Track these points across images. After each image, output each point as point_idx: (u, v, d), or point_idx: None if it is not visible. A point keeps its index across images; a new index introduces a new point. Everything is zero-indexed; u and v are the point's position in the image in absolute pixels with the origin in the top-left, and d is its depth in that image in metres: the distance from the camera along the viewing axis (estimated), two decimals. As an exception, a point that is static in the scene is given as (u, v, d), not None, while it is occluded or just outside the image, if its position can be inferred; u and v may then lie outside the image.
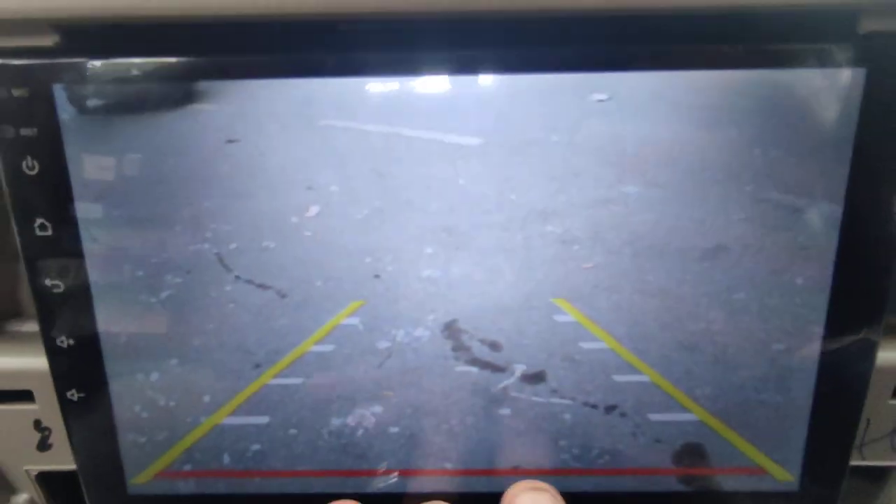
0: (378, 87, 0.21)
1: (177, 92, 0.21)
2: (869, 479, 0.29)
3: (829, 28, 0.20)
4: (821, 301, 0.23)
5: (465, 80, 0.21)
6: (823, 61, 0.20)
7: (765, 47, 0.20)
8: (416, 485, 0.25)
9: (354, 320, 0.23)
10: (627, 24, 0.20)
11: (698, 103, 0.21)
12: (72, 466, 0.27)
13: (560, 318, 0.23)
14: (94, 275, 0.23)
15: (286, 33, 0.21)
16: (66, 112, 0.21)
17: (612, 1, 0.19)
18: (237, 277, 0.23)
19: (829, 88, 0.20)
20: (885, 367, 0.25)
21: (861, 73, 0.20)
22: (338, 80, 0.21)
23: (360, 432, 0.25)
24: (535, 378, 0.24)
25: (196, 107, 0.21)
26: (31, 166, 0.21)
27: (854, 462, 0.27)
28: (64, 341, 0.24)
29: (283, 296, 0.23)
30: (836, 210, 0.21)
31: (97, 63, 0.20)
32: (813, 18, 0.20)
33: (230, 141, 0.21)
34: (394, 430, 0.25)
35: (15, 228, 0.22)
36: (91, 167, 0.21)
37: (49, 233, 0.22)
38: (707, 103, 0.21)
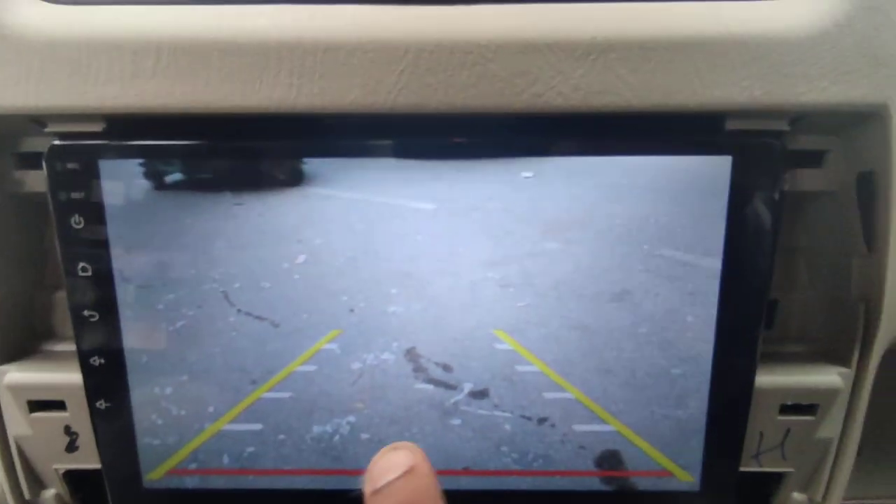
0: (354, 163, 0.27)
1: (193, 167, 0.27)
2: (765, 483, 0.34)
3: (703, 126, 0.26)
4: (707, 334, 0.28)
5: (422, 161, 0.27)
6: (699, 150, 0.26)
7: (652, 139, 0.26)
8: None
9: (333, 346, 0.29)
10: (546, 120, 0.26)
11: (604, 181, 0.27)
12: (95, 465, 0.32)
13: (500, 346, 0.29)
14: (123, 307, 0.28)
15: (283, 124, 0.26)
16: (107, 181, 0.26)
17: (533, 105, 0.25)
18: (239, 311, 0.28)
19: (704, 171, 0.26)
20: (770, 389, 0.30)
21: (727, 159, 0.26)
22: (323, 160, 0.27)
23: (336, 437, 0.30)
24: (481, 394, 0.29)
25: (208, 177, 0.27)
26: (78, 222, 0.27)
27: (751, 468, 0.32)
28: (96, 360, 0.29)
29: (276, 325, 0.29)
30: (716, 263, 0.27)
31: (131, 144, 0.26)
32: (691, 118, 0.26)
33: (237, 204, 0.27)
34: (365, 436, 0.30)
35: (63, 270, 0.28)
36: (125, 224, 0.27)
37: (89, 274, 0.28)
38: (610, 181, 0.27)
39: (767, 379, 0.30)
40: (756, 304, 0.28)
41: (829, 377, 0.31)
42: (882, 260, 0.28)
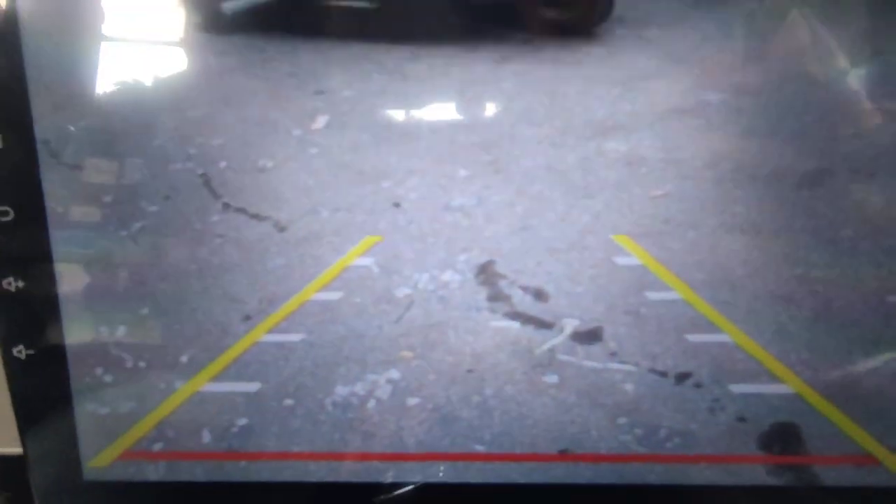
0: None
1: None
2: None
3: None
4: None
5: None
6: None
7: None
8: (438, 472, 0.20)
9: (368, 261, 0.19)
10: None
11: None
12: (17, 449, 0.22)
13: (622, 261, 0.19)
14: (50, 197, 0.18)
15: None
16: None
17: None
18: (226, 205, 0.19)
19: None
20: None
21: None
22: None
23: (371, 404, 0.20)
24: (590, 337, 0.19)
25: (182, -12, 0.17)
26: None
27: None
28: (11, 283, 0.19)
29: (282, 229, 0.19)
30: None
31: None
32: None
33: (222, 34, 0.18)
34: (413, 401, 0.20)
35: None
36: (47, 56, 0.17)
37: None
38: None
39: None
40: None
41: None
42: None
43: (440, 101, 0.18)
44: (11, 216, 0.19)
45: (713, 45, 0.17)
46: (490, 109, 0.18)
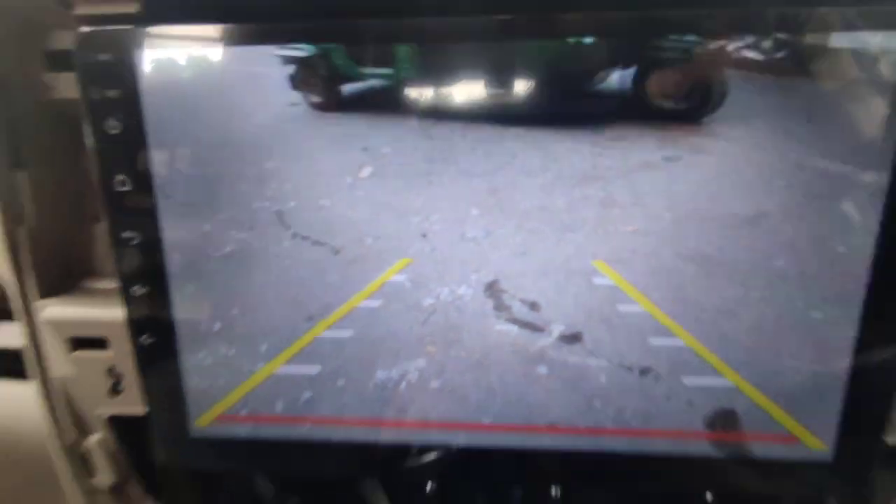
0: (434, 49, 0.22)
1: (241, 59, 0.23)
2: None
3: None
4: (861, 270, 0.23)
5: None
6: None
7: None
8: (454, 438, 0.27)
9: (402, 277, 0.25)
10: None
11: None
12: (140, 411, 0.29)
13: (599, 281, 0.24)
14: (166, 228, 0.25)
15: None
16: (146, 76, 0.23)
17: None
18: (294, 234, 0.25)
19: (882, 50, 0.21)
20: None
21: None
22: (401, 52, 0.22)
23: (403, 385, 0.26)
24: (572, 338, 0.25)
25: (259, 70, 0.23)
26: (113, 126, 0.23)
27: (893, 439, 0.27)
28: (137, 290, 0.26)
29: (336, 252, 0.25)
30: (882, 178, 0.22)
31: (169, 28, 0.22)
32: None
33: (292, 104, 0.23)
34: (435, 384, 0.26)
35: (98, 184, 0.24)
36: (166, 128, 0.23)
37: (128, 188, 0.24)
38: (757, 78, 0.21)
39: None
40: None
41: None
42: None
43: (457, 156, 0.24)
44: (137, 241, 0.25)
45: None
46: (496, 162, 0.24)
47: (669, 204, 0.23)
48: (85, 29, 0.22)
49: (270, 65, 0.23)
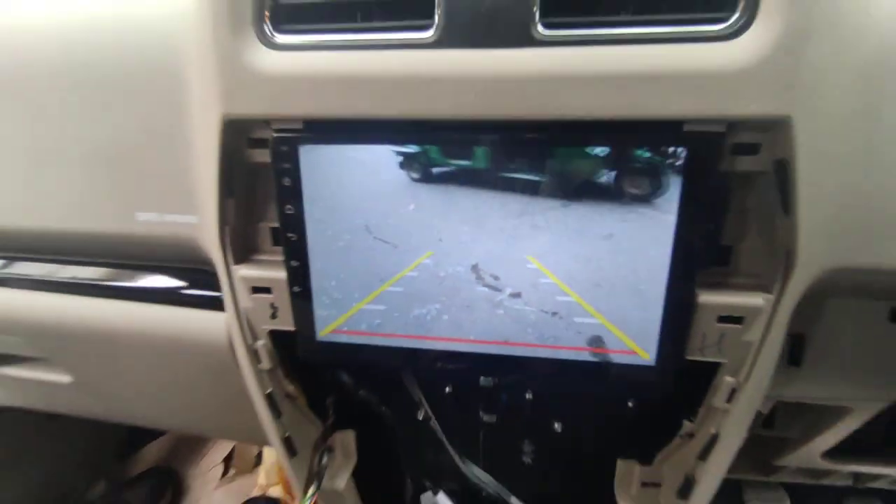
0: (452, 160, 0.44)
1: (370, 152, 0.45)
2: (709, 369, 0.50)
3: (668, 126, 0.41)
4: (663, 264, 0.44)
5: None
6: (666, 142, 0.41)
7: (640, 133, 0.41)
8: (454, 347, 0.50)
9: (429, 261, 0.48)
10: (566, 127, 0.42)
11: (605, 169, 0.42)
12: (289, 327, 0.54)
13: (529, 266, 0.46)
14: (310, 232, 0.48)
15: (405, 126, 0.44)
16: (303, 158, 0.46)
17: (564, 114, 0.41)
18: (374, 237, 0.48)
19: (668, 157, 0.41)
20: (711, 304, 0.46)
21: (684, 149, 0.40)
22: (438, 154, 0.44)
23: (428, 317, 0.49)
24: (516, 295, 0.47)
25: (379, 159, 0.45)
26: (286, 182, 0.47)
27: (697, 357, 0.48)
28: (293, 263, 0.50)
29: (396, 247, 0.48)
30: (672, 218, 0.42)
31: (318, 136, 0.45)
32: (662, 123, 0.40)
33: (398, 178, 0.46)
34: (445, 317, 0.49)
35: (276, 209, 0.48)
36: (312, 184, 0.47)
37: (292, 212, 0.48)
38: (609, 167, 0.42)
39: (711, 297, 0.46)
40: (696, 245, 0.43)
41: (754, 300, 0.45)
42: (794, 221, 0.42)
43: (458, 202, 0.46)
44: (294, 237, 0.49)
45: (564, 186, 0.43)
46: (481, 206, 0.45)
47: (579, 232, 0.45)
48: (275, 134, 0.46)
49: (388, 156, 0.45)
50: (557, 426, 0.66)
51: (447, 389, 0.64)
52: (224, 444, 1.49)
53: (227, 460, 1.47)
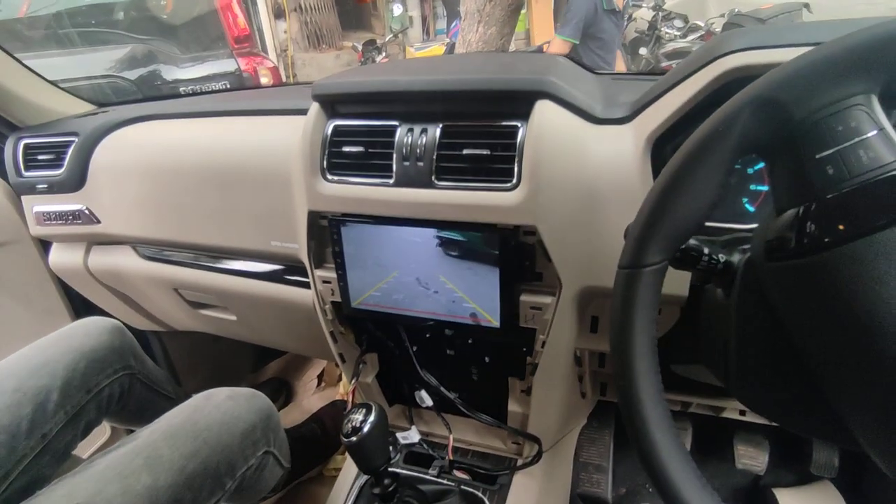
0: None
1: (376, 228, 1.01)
2: (531, 332, 1.01)
3: (488, 226, 0.92)
4: (497, 283, 0.95)
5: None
6: (487, 231, 0.92)
7: (474, 229, 0.93)
8: (415, 314, 1.05)
9: (398, 274, 1.03)
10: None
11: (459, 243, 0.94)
12: (339, 300, 1.12)
13: (441, 280, 1.00)
14: (346, 258, 1.05)
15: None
16: (343, 229, 1.02)
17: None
18: (375, 263, 1.04)
19: (490, 241, 0.92)
20: (526, 301, 0.97)
21: (497, 235, 0.91)
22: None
23: (401, 299, 1.05)
24: (437, 292, 1.01)
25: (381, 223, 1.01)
26: (335, 237, 1.04)
27: (525, 325, 1.00)
28: (339, 272, 1.07)
29: (383, 267, 1.04)
30: (496, 263, 0.93)
31: (346, 221, 1.01)
32: (486, 224, 0.92)
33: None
34: (408, 300, 1.04)
35: (331, 247, 1.05)
36: (348, 241, 1.03)
37: (338, 249, 1.05)
38: (467, 245, 0.94)
39: (527, 297, 0.97)
40: (511, 274, 0.94)
41: (545, 299, 0.96)
42: (553, 266, 0.91)
43: (410, 251, 1.00)
44: (339, 256, 1.06)
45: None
46: (420, 252, 0.99)
47: (460, 266, 0.98)
48: (330, 217, 1.03)
49: (381, 229, 1.01)
50: (486, 359, 1.20)
51: (426, 335, 1.20)
52: (318, 364, 2.20)
53: (320, 376, 2.17)
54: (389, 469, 0.94)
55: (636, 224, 0.57)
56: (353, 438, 0.88)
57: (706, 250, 0.66)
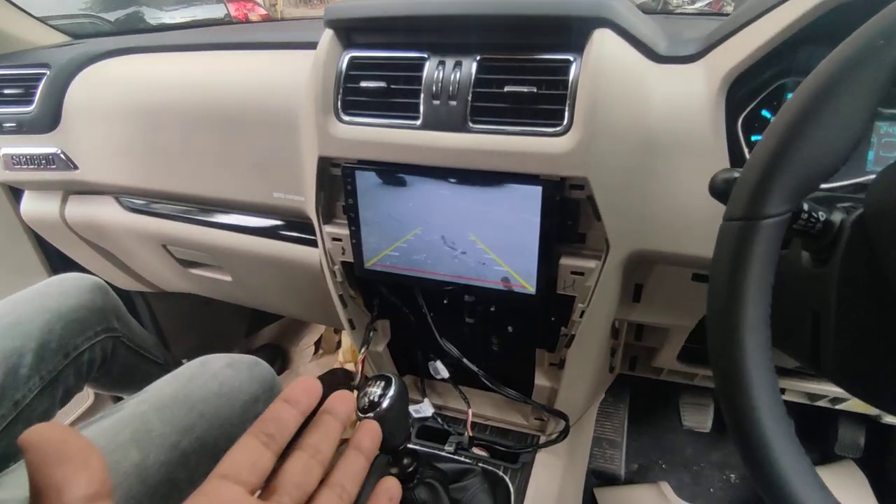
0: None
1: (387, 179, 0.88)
2: (570, 299, 0.90)
3: (531, 176, 0.79)
4: (537, 243, 0.84)
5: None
6: (531, 183, 0.80)
7: (519, 179, 0.80)
8: (435, 276, 0.94)
9: (420, 232, 0.91)
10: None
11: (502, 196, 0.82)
12: (352, 260, 1.00)
13: (470, 238, 0.88)
14: (360, 212, 0.93)
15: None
16: (358, 177, 0.89)
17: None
18: (392, 217, 0.92)
19: (531, 195, 0.80)
20: (567, 265, 0.86)
21: (539, 188, 0.79)
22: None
23: (421, 260, 0.94)
24: (465, 252, 0.90)
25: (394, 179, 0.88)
26: (349, 187, 0.91)
27: (564, 292, 0.89)
28: (352, 228, 0.95)
29: (402, 223, 0.91)
30: (536, 221, 0.82)
31: (363, 167, 0.88)
32: (528, 175, 0.79)
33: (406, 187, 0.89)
34: (429, 261, 0.93)
35: (344, 199, 0.93)
36: (363, 192, 0.91)
37: (352, 202, 0.92)
38: (506, 196, 0.82)
39: (568, 260, 0.86)
40: (552, 233, 0.82)
41: (590, 263, 0.85)
42: (602, 225, 0.80)
43: (436, 204, 0.88)
44: (352, 212, 0.94)
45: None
46: (447, 206, 0.87)
47: (495, 223, 0.86)
48: (343, 164, 0.89)
49: (401, 179, 0.88)
50: (510, 328, 1.09)
51: (444, 301, 1.09)
52: (315, 330, 2.10)
53: (318, 343, 2.07)
54: (409, 446, 0.85)
55: (754, 164, 0.46)
56: (370, 415, 0.78)
57: (806, 206, 0.55)
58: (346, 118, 0.87)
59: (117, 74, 1.15)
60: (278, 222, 1.13)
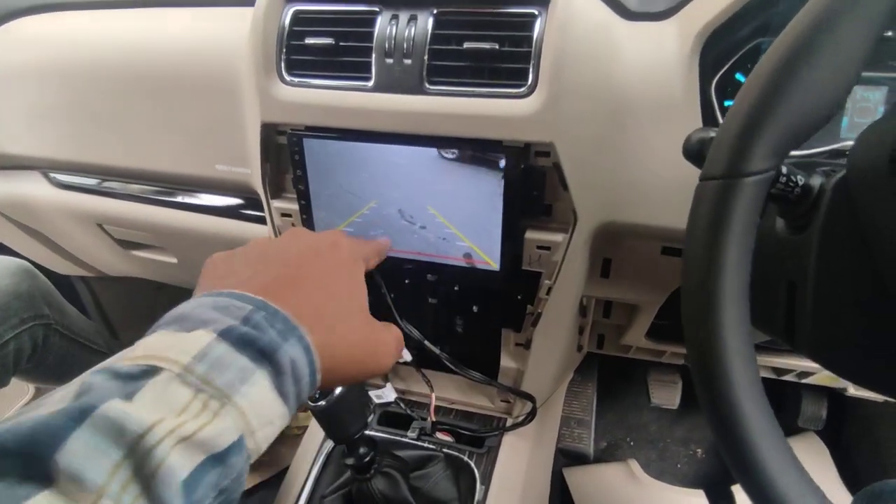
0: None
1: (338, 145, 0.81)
2: (536, 276, 0.85)
3: (491, 144, 0.73)
4: (500, 216, 0.78)
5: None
6: (494, 151, 0.74)
7: (479, 148, 0.74)
8: (394, 254, 0.88)
9: (375, 205, 0.84)
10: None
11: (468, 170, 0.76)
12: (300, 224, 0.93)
13: (430, 212, 0.82)
14: (310, 185, 0.85)
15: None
16: (306, 145, 0.81)
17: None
18: (345, 190, 0.84)
19: (493, 162, 0.74)
20: (532, 239, 0.80)
21: (502, 156, 0.73)
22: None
23: (378, 236, 0.87)
24: (423, 227, 0.84)
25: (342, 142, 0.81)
26: (297, 157, 0.83)
27: (529, 268, 0.84)
28: (302, 202, 0.88)
29: (357, 196, 0.84)
30: (499, 191, 0.76)
31: (312, 134, 0.80)
32: (489, 141, 0.73)
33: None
34: (387, 237, 0.86)
35: (292, 170, 0.85)
36: (312, 162, 0.83)
37: (300, 174, 0.84)
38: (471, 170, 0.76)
39: (533, 234, 0.80)
40: (516, 206, 0.77)
41: (556, 237, 0.80)
42: (570, 195, 0.75)
43: (392, 174, 0.81)
44: (301, 183, 0.86)
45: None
46: (404, 177, 0.80)
47: (455, 195, 0.79)
48: (290, 131, 0.81)
49: (353, 146, 0.81)
50: (475, 308, 1.04)
51: (406, 281, 1.03)
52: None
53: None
54: (366, 434, 0.79)
55: (737, 113, 0.41)
56: (322, 403, 0.72)
57: (784, 169, 0.50)
58: (291, 79, 0.79)
59: (36, 33, 1.03)
60: (225, 199, 1.04)
